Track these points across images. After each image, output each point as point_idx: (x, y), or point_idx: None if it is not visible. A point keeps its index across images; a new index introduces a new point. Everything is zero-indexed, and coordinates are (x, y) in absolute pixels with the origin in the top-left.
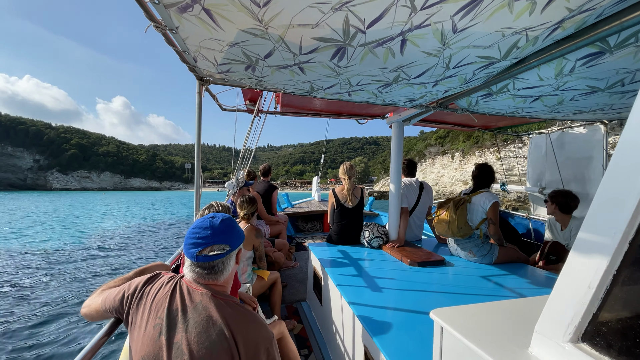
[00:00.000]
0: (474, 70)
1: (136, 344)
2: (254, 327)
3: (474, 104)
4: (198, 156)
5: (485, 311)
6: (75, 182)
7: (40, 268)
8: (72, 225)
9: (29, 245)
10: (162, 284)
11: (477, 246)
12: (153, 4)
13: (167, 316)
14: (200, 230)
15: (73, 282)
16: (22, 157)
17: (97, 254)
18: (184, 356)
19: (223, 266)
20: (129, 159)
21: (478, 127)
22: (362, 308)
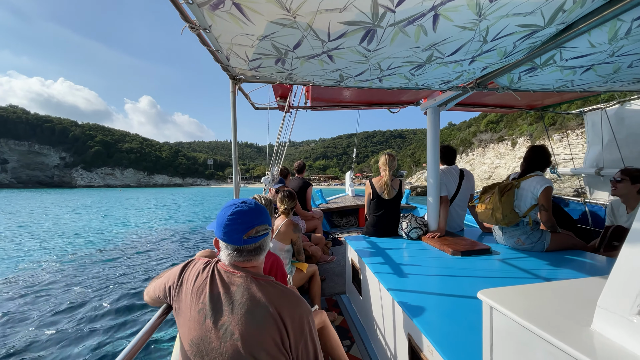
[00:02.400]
0: (514, 42)
1: (184, 329)
2: (295, 302)
3: (516, 81)
4: (235, 153)
5: (538, 291)
6: (99, 179)
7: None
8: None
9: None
10: (198, 270)
11: (526, 234)
12: (187, 4)
13: (209, 300)
14: (241, 215)
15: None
16: (48, 155)
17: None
18: (233, 336)
19: (265, 245)
20: (152, 155)
21: (522, 108)
22: (402, 294)
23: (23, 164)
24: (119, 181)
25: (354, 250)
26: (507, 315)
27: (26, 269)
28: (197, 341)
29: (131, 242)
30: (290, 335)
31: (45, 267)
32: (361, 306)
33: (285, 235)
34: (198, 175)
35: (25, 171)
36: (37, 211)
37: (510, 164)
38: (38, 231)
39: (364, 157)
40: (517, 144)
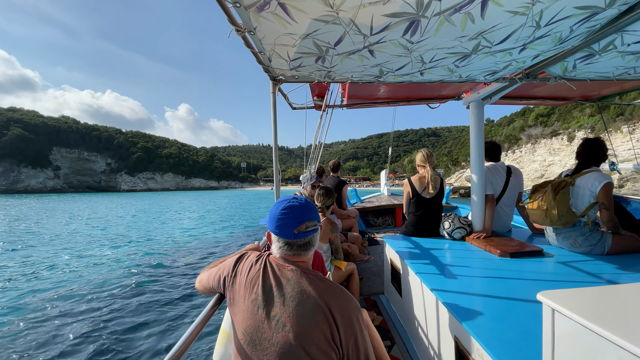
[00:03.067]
0: (571, 26)
1: (237, 319)
2: (344, 299)
3: (571, 70)
4: (275, 154)
5: (606, 293)
6: (141, 183)
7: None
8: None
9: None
10: (251, 263)
11: (584, 235)
12: (235, 8)
13: (262, 291)
14: (292, 210)
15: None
16: (96, 161)
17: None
18: (285, 328)
19: (315, 241)
20: (189, 160)
21: (576, 99)
22: (447, 295)
23: (74, 170)
24: (159, 185)
25: (394, 250)
26: (571, 319)
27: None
28: (250, 330)
29: (191, 241)
30: (341, 331)
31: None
32: (401, 307)
33: (324, 234)
34: (232, 178)
35: (76, 177)
36: (109, 214)
37: (566, 161)
38: (117, 232)
39: (396, 156)
40: (574, 139)
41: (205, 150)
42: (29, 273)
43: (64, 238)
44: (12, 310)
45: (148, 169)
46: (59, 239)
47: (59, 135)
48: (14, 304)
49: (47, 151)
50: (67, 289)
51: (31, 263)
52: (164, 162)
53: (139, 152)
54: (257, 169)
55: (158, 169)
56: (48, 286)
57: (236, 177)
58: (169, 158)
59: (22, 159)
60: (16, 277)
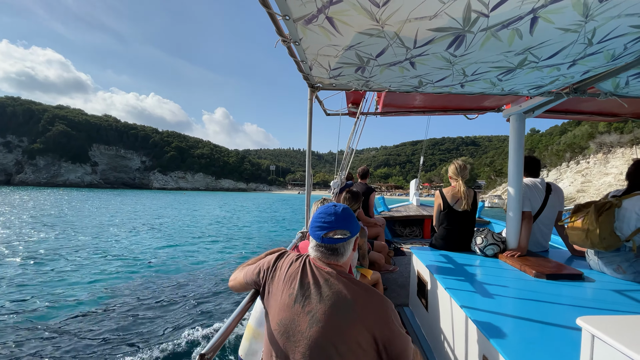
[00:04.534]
0: (625, 44)
1: (273, 310)
2: (377, 300)
3: (623, 86)
4: (309, 158)
5: None
6: (172, 182)
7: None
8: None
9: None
10: (291, 260)
11: (629, 260)
12: (284, 20)
13: (299, 287)
14: (326, 215)
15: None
16: (132, 159)
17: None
18: (319, 323)
19: (344, 250)
20: (220, 160)
21: (626, 116)
22: (477, 313)
23: (111, 166)
24: (189, 184)
25: (422, 262)
26: (612, 346)
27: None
28: (285, 322)
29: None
30: (375, 332)
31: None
32: (427, 321)
33: None
34: (261, 181)
35: (112, 173)
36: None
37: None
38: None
39: (431, 165)
40: None
41: (236, 152)
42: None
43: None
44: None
45: (180, 168)
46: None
47: (99, 132)
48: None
49: (87, 147)
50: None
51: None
52: (195, 162)
53: (173, 151)
54: (285, 172)
55: (189, 169)
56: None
57: (264, 180)
58: (201, 158)
59: (63, 154)
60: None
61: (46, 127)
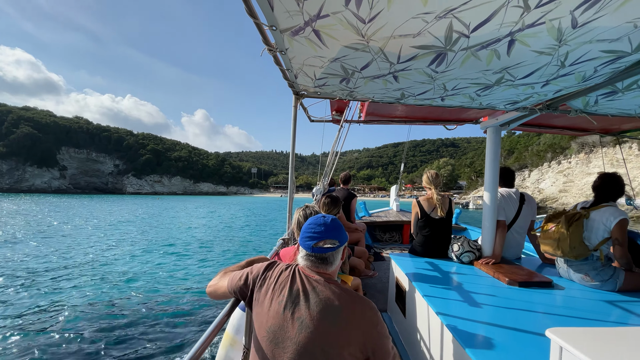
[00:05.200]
0: (595, 67)
1: (261, 318)
2: (365, 306)
3: (592, 104)
4: (292, 164)
5: (616, 335)
6: (147, 186)
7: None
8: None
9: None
10: (281, 270)
11: (596, 269)
12: (271, 31)
13: (289, 295)
14: (316, 226)
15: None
16: (104, 162)
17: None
18: (308, 329)
19: (333, 258)
20: (198, 163)
21: (595, 131)
22: (453, 319)
23: (81, 170)
24: (166, 188)
25: (400, 269)
26: (579, 358)
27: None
28: (274, 329)
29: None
30: (362, 336)
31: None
32: (404, 327)
33: None
34: (242, 184)
35: (83, 178)
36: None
37: (635, 174)
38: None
39: (412, 167)
40: None
41: (217, 154)
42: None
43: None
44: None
45: (156, 171)
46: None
47: (69, 135)
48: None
49: (55, 151)
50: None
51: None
52: (172, 165)
53: (148, 154)
54: (268, 175)
55: (166, 172)
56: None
57: (246, 183)
58: (178, 161)
59: (28, 157)
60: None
61: (10, 129)
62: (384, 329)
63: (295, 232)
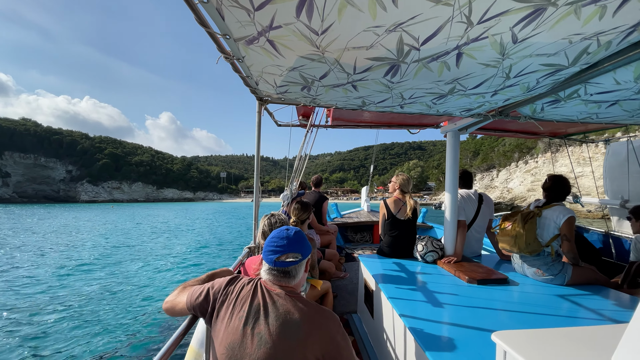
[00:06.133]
0: (537, 79)
1: (221, 334)
2: (326, 317)
3: (539, 111)
4: (257, 170)
5: (556, 337)
6: (105, 193)
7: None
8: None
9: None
10: (243, 284)
11: (547, 264)
12: (224, 39)
13: (249, 310)
14: (278, 239)
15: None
16: (55, 168)
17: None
18: (267, 345)
19: (296, 272)
20: (162, 168)
21: (545, 135)
22: (415, 321)
23: (28, 177)
24: (126, 195)
25: (368, 271)
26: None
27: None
28: (233, 345)
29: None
30: (323, 348)
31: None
32: (372, 328)
33: None
34: (210, 189)
35: (31, 185)
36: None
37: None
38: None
39: (382, 169)
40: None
41: (183, 158)
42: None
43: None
44: None
45: (114, 177)
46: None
47: (13, 138)
48: None
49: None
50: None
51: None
52: (133, 170)
53: (105, 159)
54: (238, 179)
55: (126, 178)
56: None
57: (214, 188)
58: (140, 166)
59: None
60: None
61: None
62: (344, 341)
63: (260, 241)
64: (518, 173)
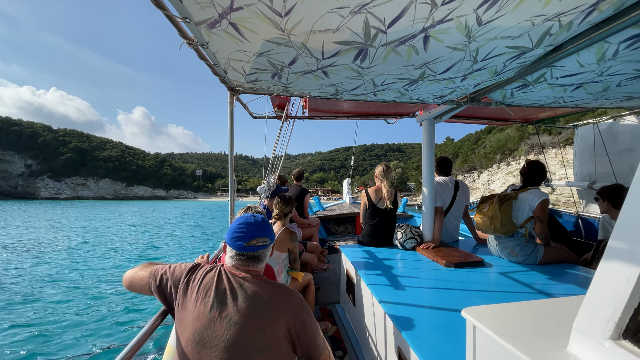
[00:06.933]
0: (504, 62)
1: (186, 322)
2: (291, 296)
3: (509, 97)
4: (231, 165)
5: (521, 310)
6: (68, 189)
7: None
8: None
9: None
10: (205, 271)
11: (520, 245)
12: (185, 23)
13: (215, 295)
14: (246, 225)
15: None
16: (12, 162)
17: None
18: (237, 325)
19: (264, 256)
20: (133, 164)
21: (517, 121)
22: (394, 307)
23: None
24: (92, 192)
25: (349, 260)
26: (489, 335)
27: None
28: (200, 330)
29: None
30: (290, 326)
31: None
32: (355, 316)
33: (283, 244)
34: (184, 187)
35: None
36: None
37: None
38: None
39: (362, 170)
40: None
41: (157, 155)
42: None
43: None
44: None
45: (79, 173)
46: None
47: None
48: None
49: None
50: None
51: None
52: (100, 165)
53: (70, 153)
54: (214, 177)
55: (93, 174)
56: None
57: (189, 186)
58: (108, 161)
59: None
60: None
61: None
62: (309, 318)
63: None
64: (500, 175)
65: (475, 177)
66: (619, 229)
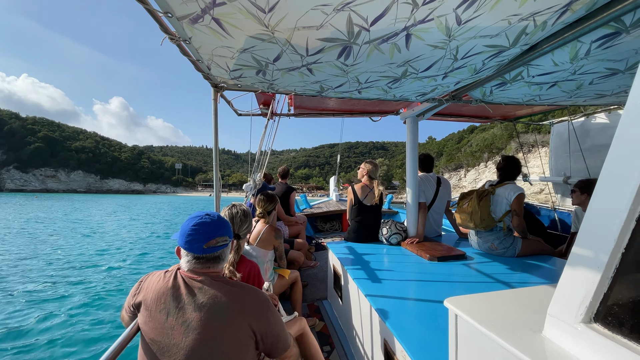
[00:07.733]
0: (483, 60)
1: (145, 329)
2: (253, 295)
3: (489, 94)
4: (216, 161)
5: (500, 299)
6: (36, 181)
7: None
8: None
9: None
10: (159, 277)
11: (500, 239)
12: (167, 18)
13: (172, 301)
14: (202, 226)
15: None
16: None
17: None
18: (195, 331)
19: (225, 255)
20: (107, 156)
21: (496, 118)
22: (380, 300)
23: None
24: (63, 185)
25: (335, 256)
26: (469, 323)
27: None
28: (158, 339)
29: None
30: (253, 324)
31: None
32: (342, 312)
33: (268, 242)
34: (163, 181)
35: None
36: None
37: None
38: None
39: (347, 167)
40: None
41: (134, 147)
42: None
43: None
44: None
45: (49, 164)
46: None
47: None
48: None
49: None
50: None
51: None
52: (72, 157)
53: (39, 142)
54: (195, 171)
55: (64, 165)
56: None
57: (168, 180)
58: (81, 152)
59: None
60: None
61: None
62: (273, 316)
63: None
64: (487, 173)
65: (462, 175)
66: (589, 218)
